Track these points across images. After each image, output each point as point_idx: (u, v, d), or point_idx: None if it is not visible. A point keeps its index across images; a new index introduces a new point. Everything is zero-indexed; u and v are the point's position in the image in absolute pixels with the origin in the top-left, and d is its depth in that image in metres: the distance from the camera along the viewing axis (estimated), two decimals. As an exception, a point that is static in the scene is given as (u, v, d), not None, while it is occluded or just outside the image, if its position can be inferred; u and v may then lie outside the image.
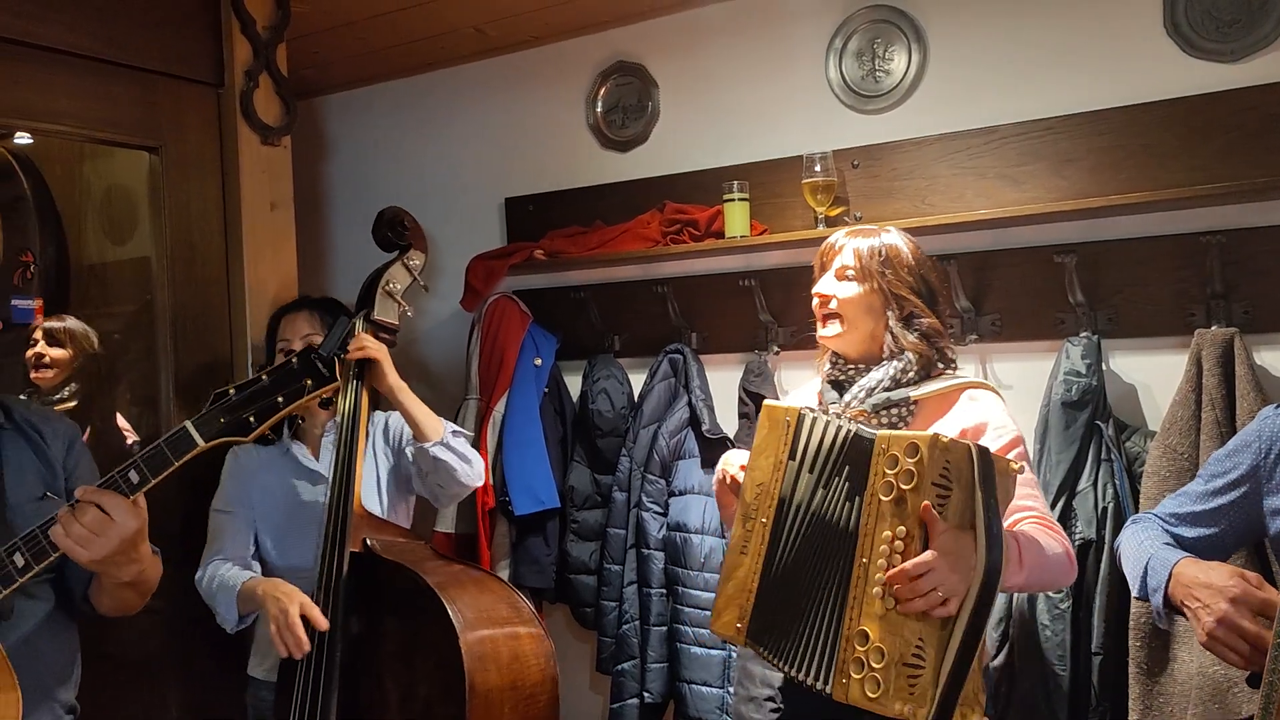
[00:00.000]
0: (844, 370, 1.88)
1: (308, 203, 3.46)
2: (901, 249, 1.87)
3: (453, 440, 2.17)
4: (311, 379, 1.56)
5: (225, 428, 1.53)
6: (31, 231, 2.91)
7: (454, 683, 1.84)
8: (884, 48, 2.68)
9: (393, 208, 2.30)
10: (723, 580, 1.76)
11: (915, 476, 1.49)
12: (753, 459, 1.76)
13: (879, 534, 1.52)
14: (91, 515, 1.46)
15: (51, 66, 2.34)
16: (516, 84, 3.28)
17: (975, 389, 1.82)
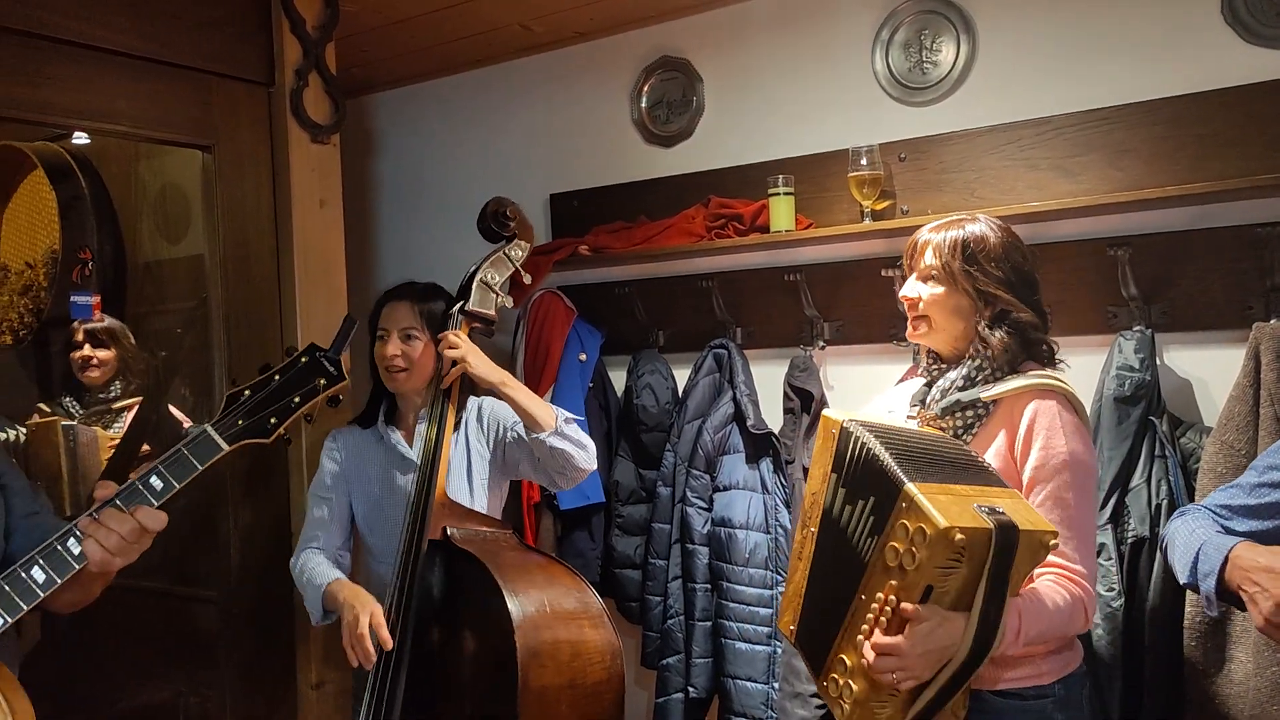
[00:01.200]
0: (929, 370, 1.85)
1: (355, 200, 3.50)
2: (988, 238, 1.78)
3: (566, 428, 2.16)
4: (324, 378, 1.56)
5: (246, 430, 1.52)
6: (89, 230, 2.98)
7: (507, 677, 1.85)
8: (931, 39, 2.64)
9: (496, 199, 2.30)
10: (786, 582, 1.82)
11: (917, 560, 1.48)
12: (811, 468, 1.78)
13: (877, 583, 1.55)
14: (129, 527, 1.43)
15: (109, 68, 2.39)
16: (561, 80, 3.29)
17: (1045, 394, 1.72)
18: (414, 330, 2.25)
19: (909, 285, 1.85)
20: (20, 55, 2.23)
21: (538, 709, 1.86)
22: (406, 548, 2.04)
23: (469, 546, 2.03)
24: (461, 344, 2.15)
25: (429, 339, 2.25)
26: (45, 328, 3.00)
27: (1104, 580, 2.22)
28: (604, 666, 1.98)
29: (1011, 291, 1.76)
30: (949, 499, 1.49)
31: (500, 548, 2.08)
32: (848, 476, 1.66)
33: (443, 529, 2.06)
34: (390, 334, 2.24)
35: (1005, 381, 1.75)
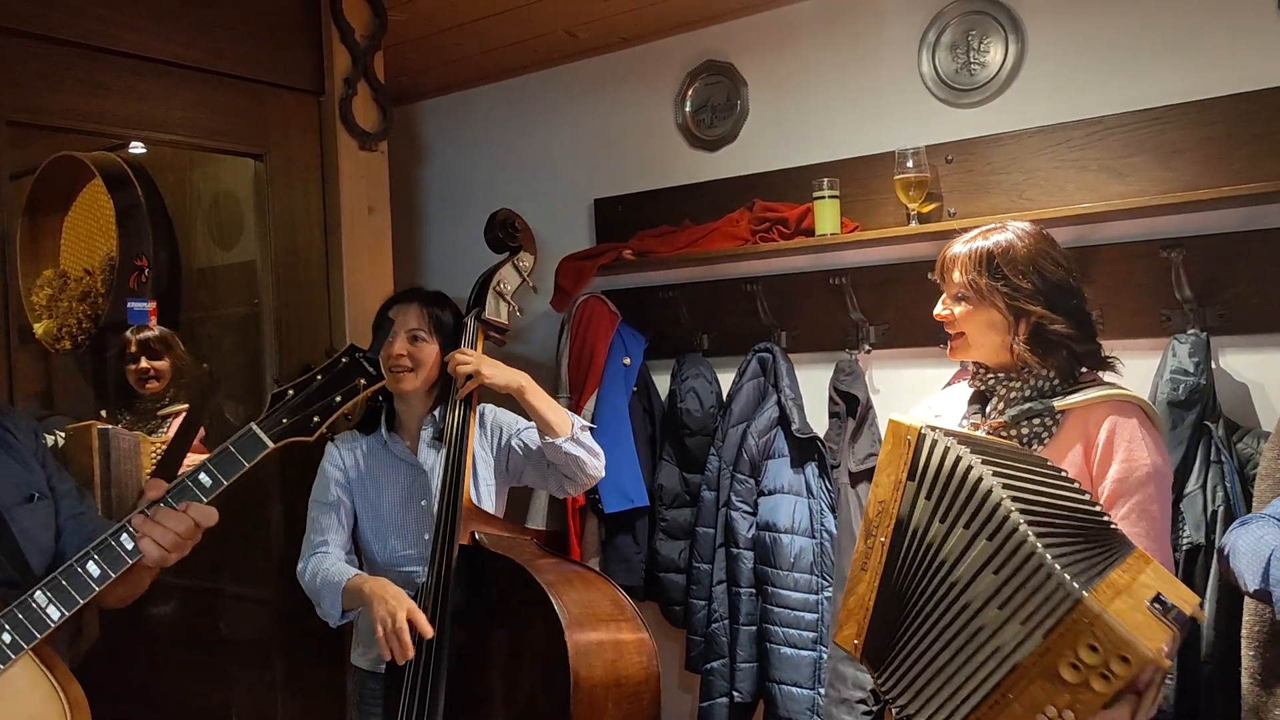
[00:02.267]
0: (984, 379, 1.81)
1: (402, 206, 3.54)
2: (1014, 246, 1.74)
3: (581, 434, 2.19)
4: (364, 378, 1.60)
5: (290, 428, 1.56)
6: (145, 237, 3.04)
7: (558, 678, 1.86)
8: (979, 40, 2.62)
9: (504, 210, 2.33)
10: (845, 593, 1.75)
11: (1110, 682, 1.38)
12: (877, 474, 1.71)
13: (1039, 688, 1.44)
14: (186, 526, 1.47)
15: (165, 79, 2.45)
16: (606, 85, 3.31)
17: (1124, 404, 1.69)
18: (421, 332, 2.26)
19: (941, 304, 1.83)
20: (80, 68, 2.29)
21: (588, 708, 1.87)
22: (438, 553, 2.05)
23: (502, 550, 2.04)
24: (471, 358, 2.16)
25: (435, 343, 2.27)
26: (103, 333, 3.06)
27: (1158, 588, 2.18)
28: (643, 666, 1.99)
29: (1045, 302, 1.72)
30: (1123, 604, 1.41)
31: (529, 552, 2.10)
32: (933, 486, 1.59)
33: (471, 534, 2.08)
34: (397, 335, 2.26)
35: (1079, 392, 1.71)
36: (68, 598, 1.44)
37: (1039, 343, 1.72)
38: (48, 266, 3.21)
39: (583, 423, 2.25)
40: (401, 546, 2.25)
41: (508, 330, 2.30)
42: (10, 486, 1.60)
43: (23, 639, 1.41)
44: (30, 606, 1.42)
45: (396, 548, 2.25)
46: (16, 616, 1.42)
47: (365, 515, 2.29)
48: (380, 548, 2.27)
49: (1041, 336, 1.71)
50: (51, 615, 1.43)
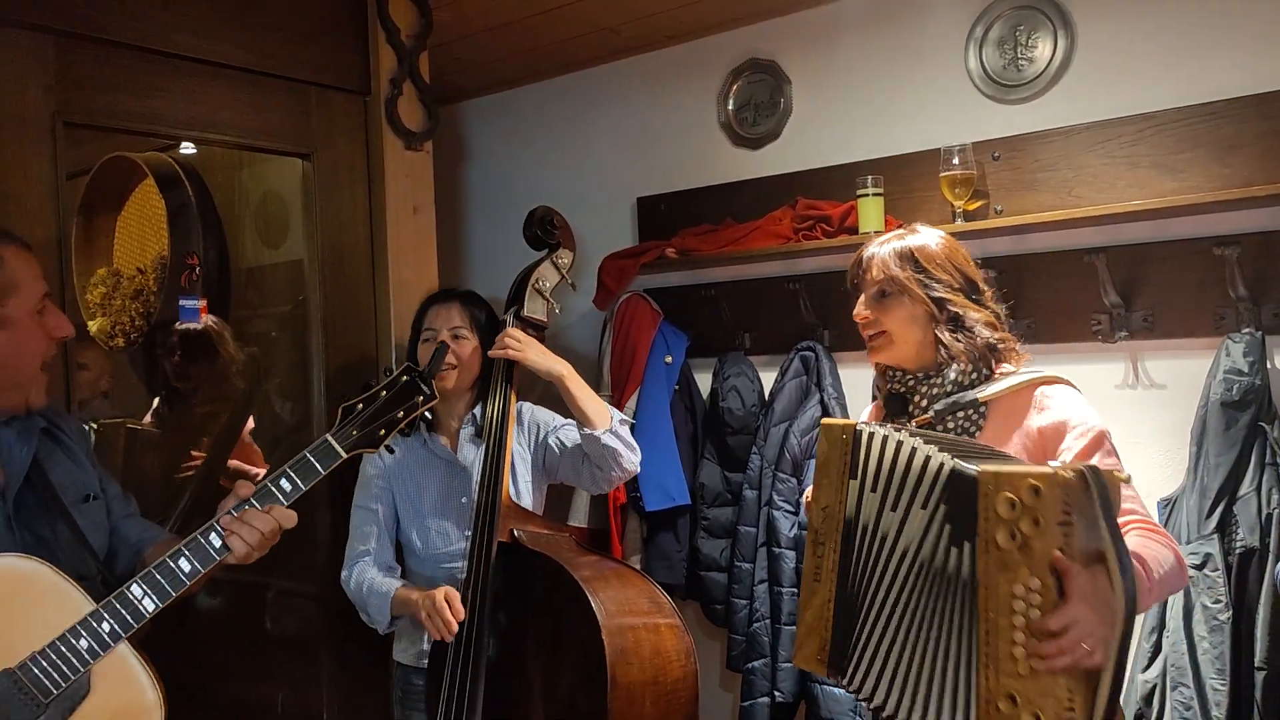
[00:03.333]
0: (902, 381, 1.80)
1: (446, 205, 3.57)
2: (929, 245, 1.78)
3: (620, 428, 2.20)
4: (421, 396, 1.74)
5: (360, 440, 1.69)
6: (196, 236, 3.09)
7: (596, 675, 1.87)
8: (1027, 35, 2.58)
9: (542, 207, 2.34)
10: (800, 610, 1.69)
11: (1040, 521, 1.36)
12: (816, 480, 1.69)
13: (1006, 586, 1.39)
14: (272, 526, 1.58)
15: (215, 81, 2.49)
16: (649, 84, 3.31)
17: (1048, 384, 1.72)
18: (463, 330, 2.29)
19: (860, 304, 1.83)
20: (133, 70, 2.33)
21: (626, 705, 1.87)
22: (477, 550, 2.06)
23: (540, 548, 2.05)
24: (522, 338, 2.19)
25: (476, 341, 2.29)
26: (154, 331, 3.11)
27: (1210, 592, 2.14)
28: (680, 665, 1.99)
29: (961, 294, 1.76)
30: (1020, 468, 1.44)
31: (567, 549, 2.10)
32: (877, 479, 1.57)
33: (510, 531, 2.09)
34: (439, 333, 2.28)
35: (999, 381, 1.72)
36: (162, 590, 1.53)
37: (960, 332, 1.74)
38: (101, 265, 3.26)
39: (621, 416, 2.25)
40: (442, 543, 2.27)
41: (546, 327, 2.31)
42: (70, 486, 1.68)
43: (121, 628, 1.49)
44: (127, 598, 1.51)
45: (437, 544, 2.27)
46: (115, 607, 1.50)
47: (406, 513, 2.31)
48: (422, 545, 2.29)
49: (961, 327, 1.74)
50: (147, 606, 1.52)
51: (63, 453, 1.71)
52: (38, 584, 1.49)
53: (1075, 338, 2.51)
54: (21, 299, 1.59)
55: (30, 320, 1.60)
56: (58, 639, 1.47)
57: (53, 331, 1.64)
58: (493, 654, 2.03)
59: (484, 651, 2.00)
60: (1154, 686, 2.24)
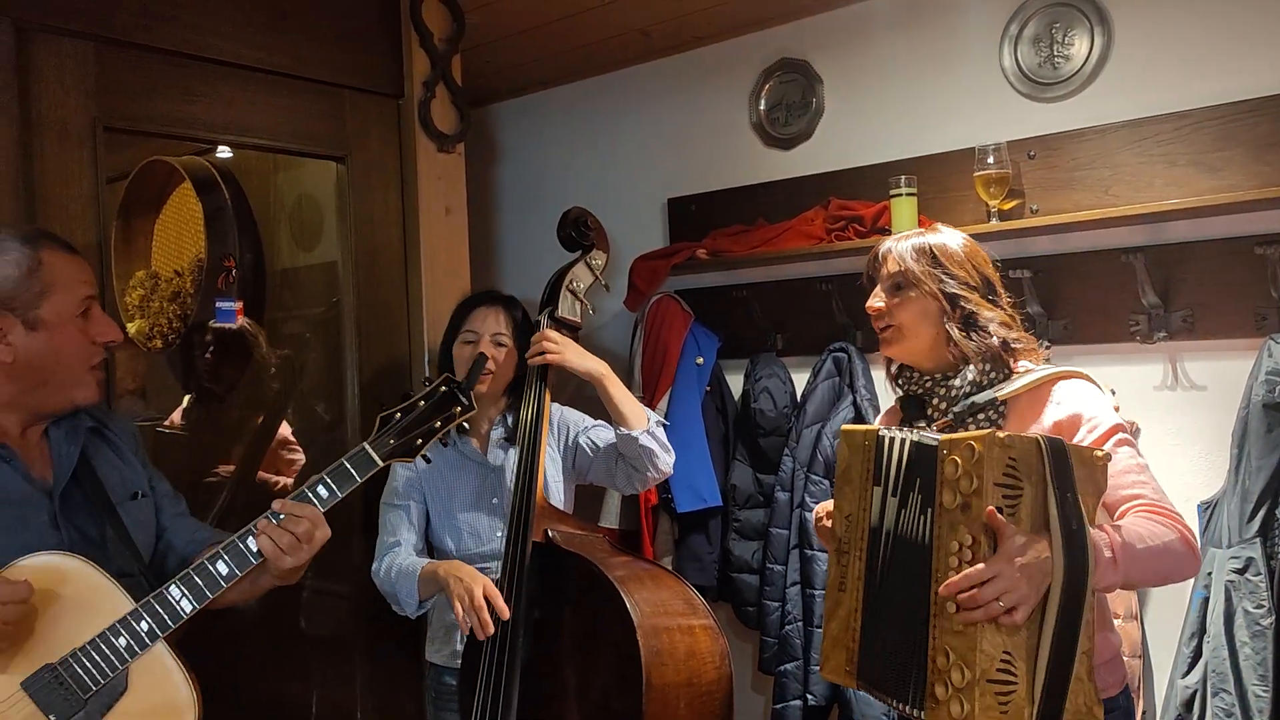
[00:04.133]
0: (920, 382, 1.78)
1: (478, 207, 3.59)
2: (949, 244, 1.77)
3: (656, 429, 2.21)
4: (459, 406, 1.74)
5: (396, 449, 1.69)
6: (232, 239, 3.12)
7: (631, 676, 1.86)
8: (1063, 32, 2.56)
9: (577, 208, 2.35)
10: (826, 621, 1.67)
11: (975, 480, 1.40)
12: (838, 488, 1.67)
13: (948, 543, 1.45)
14: (304, 528, 1.59)
15: (251, 85, 2.52)
16: (680, 85, 3.31)
17: (1066, 380, 1.70)
18: (503, 336, 2.30)
19: (874, 296, 1.82)
20: (171, 75, 2.37)
21: (660, 707, 1.87)
22: (512, 549, 2.07)
23: (574, 548, 2.06)
24: (560, 340, 2.20)
25: (513, 346, 2.30)
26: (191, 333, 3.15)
27: (1253, 597, 2.11)
28: (715, 666, 1.98)
29: (977, 293, 1.74)
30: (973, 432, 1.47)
31: (601, 550, 2.10)
32: (899, 484, 1.56)
33: (544, 531, 2.09)
34: (482, 337, 2.29)
35: (1017, 379, 1.70)
36: (199, 592, 1.55)
37: (972, 330, 1.72)
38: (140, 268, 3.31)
39: (657, 418, 2.25)
40: (474, 544, 2.28)
41: (580, 328, 2.32)
42: (118, 484, 1.71)
43: (159, 627, 1.52)
44: (166, 599, 1.53)
45: (470, 546, 2.28)
46: (153, 607, 1.52)
47: (437, 515, 2.32)
48: (454, 546, 2.30)
49: (975, 325, 1.72)
50: (184, 608, 1.54)
51: (111, 451, 1.74)
52: (81, 582, 1.52)
53: (1113, 338, 2.48)
54: (59, 301, 1.59)
55: (70, 323, 1.61)
56: (98, 636, 1.50)
57: (96, 336, 1.65)
58: (527, 654, 2.03)
59: (519, 651, 2.01)
60: (1194, 692, 2.20)
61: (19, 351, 1.57)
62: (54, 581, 1.51)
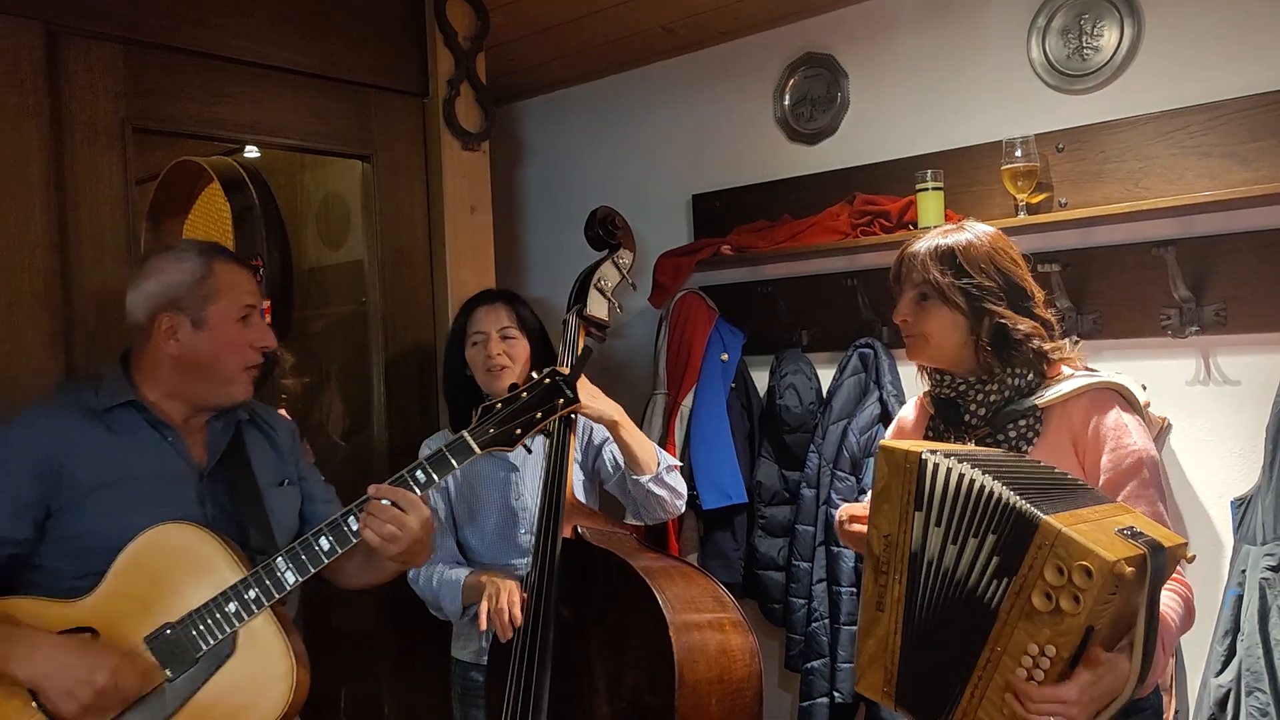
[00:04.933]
0: (953, 386, 1.75)
1: (503, 204, 3.60)
2: (974, 244, 1.71)
3: (666, 475, 2.20)
4: (562, 399, 1.77)
5: (495, 438, 1.75)
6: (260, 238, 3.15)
7: (663, 673, 1.86)
8: (1092, 23, 2.53)
9: (604, 207, 2.35)
10: (862, 635, 1.64)
11: (1080, 602, 1.34)
12: (875, 503, 1.61)
13: (1023, 638, 1.39)
14: (395, 512, 1.66)
15: (278, 85, 2.53)
16: (704, 81, 3.30)
17: (1102, 392, 1.66)
18: (511, 330, 2.30)
19: (899, 306, 1.78)
20: (199, 76, 2.38)
21: (692, 704, 1.86)
22: (542, 546, 2.07)
23: (605, 545, 2.06)
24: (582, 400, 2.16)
25: (525, 339, 2.31)
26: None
27: (1288, 595, 2.07)
28: (745, 664, 1.97)
29: (1005, 301, 1.69)
30: (1088, 527, 1.38)
31: (630, 546, 2.10)
32: (944, 514, 1.50)
33: (574, 528, 2.09)
34: (490, 335, 2.29)
35: (1054, 386, 1.67)
36: (302, 565, 1.67)
37: (1003, 345, 1.68)
38: (169, 267, 3.34)
39: (671, 462, 2.24)
40: (501, 542, 2.28)
41: (608, 327, 2.32)
42: (267, 471, 1.87)
43: (264, 596, 1.64)
44: (272, 569, 1.65)
45: (496, 543, 2.29)
46: (260, 576, 1.64)
47: (463, 514, 2.33)
48: (480, 544, 2.31)
49: (1005, 337, 1.68)
50: (288, 579, 1.66)
51: (265, 441, 1.91)
52: (202, 549, 1.66)
53: (1144, 333, 2.45)
54: (223, 306, 1.77)
55: (231, 326, 1.78)
56: (211, 601, 1.62)
57: (253, 341, 1.80)
58: (557, 650, 2.03)
59: (549, 648, 2.01)
60: (1228, 691, 2.17)
61: (184, 347, 1.75)
62: (179, 548, 1.66)
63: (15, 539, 1.65)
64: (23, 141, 2.09)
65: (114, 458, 1.71)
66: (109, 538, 1.64)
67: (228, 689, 1.62)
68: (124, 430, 1.74)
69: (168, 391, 1.78)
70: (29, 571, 1.67)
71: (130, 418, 1.75)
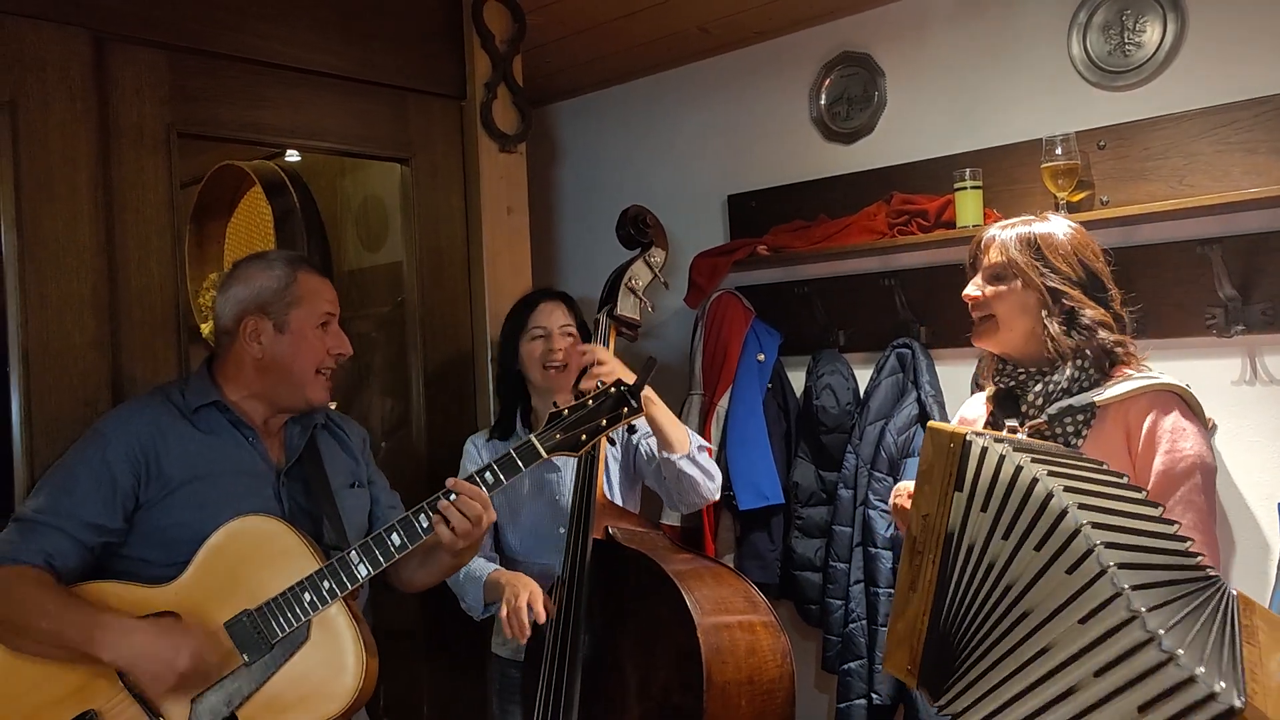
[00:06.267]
0: (1013, 375, 1.74)
1: (539, 206, 3.61)
2: (1055, 235, 1.71)
3: (698, 455, 2.20)
4: (627, 408, 1.82)
5: (562, 442, 1.80)
6: (300, 241, 3.20)
7: (692, 673, 1.86)
8: (1134, 19, 2.49)
9: (635, 206, 2.36)
10: (893, 617, 1.63)
11: None
12: (918, 484, 1.60)
13: None
14: (476, 512, 1.74)
15: (319, 89, 2.56)
16: (740, 81, 3.30)
17: (1164, 394, 1.64)
18: (571, 328, 2.33)
19: (972, 283, 1.78)
20: (242, 81, 2.42)
21: (721, 705, 1.86)
22: (573, 546, 2.08)
23: (635, 545, 2.06)
24: (608, 359, 2.19)
25: (579, 339, 2.33)
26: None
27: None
28: (777, 665, 1.97)
29: (1081, 289, 1.69)
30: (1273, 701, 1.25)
31: (661, 547, 2.10)
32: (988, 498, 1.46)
33: (604, 528, 2.10)
34: (552, 331, 2.31)
35: (1115, 385, 1.65)
36: (374, 559, 1.74)
37: (1073, 329, 1.67)
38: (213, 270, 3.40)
39: (702, 443, 2.24)
40: (537, 540, 2.30)
41: (639, 326, 2.33)
42: (340, 472, 1.97)
43: (338, 587, 1.71)
44: (346, 562, 1.73)
45: (532, 542, 2.30)
46: (335, 568, 1.72)
47: (502, 510, 2.35)
48: (517, 542, 2.32)
49: (1075, 323, 1.66)
50: (361, 572, 1.73)
51: (338, 445, 2.01)
52: (281, 541, 1.75)
53: (1188, 332, 2.41)
54: (304, 312, 1.87)
55: (311, 332, 1.87)
56: (288, 590, 1.70)
57: (331, 347, 1.90)
58: (588, 649, 2.04)
59: (580, 647, 2.02)
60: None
61: (267, 350, 1.85)
62: (260, 538, 1.75)
63: (110, 528, 1.74)
64: (72, 147, 2.13)
65: (200, 454, 1.80)
66: (194, 529, 1.73)
67: (301, 675, 1.69)
68: (209, 429, 1.84)
69: (249, 393, 1.88)
70: (117, 561, 1.76)
71: (215, 417, 1.85)
